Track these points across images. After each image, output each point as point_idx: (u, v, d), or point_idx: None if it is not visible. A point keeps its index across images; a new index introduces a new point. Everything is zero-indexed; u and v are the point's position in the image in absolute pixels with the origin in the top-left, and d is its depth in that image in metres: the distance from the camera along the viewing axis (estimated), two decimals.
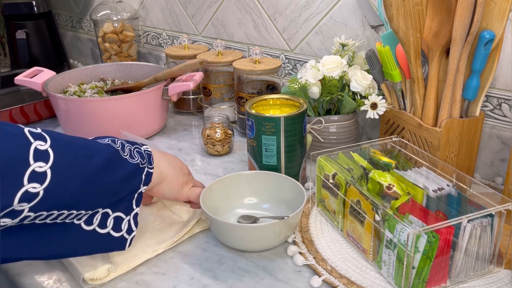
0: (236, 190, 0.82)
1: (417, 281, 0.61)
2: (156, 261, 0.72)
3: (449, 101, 0.81)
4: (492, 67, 0.79)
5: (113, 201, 0.65)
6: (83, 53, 1.89)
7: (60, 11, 1.93)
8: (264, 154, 0.85)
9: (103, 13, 1.50)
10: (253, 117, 0.84)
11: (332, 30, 1.09)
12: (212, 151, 1.04)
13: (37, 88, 1.14)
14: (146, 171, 0.69)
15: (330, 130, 0.96)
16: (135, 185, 0.67)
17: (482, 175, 0.93)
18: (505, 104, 0.88)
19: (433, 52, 0.80)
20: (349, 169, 0.75)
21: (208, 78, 1.19)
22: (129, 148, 0.68)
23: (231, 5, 1.29)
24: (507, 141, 0.88)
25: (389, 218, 0.61)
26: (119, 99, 1.07)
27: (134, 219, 0.68)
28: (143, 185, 0.69)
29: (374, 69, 0.89)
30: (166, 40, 1.53)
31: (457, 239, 0.61)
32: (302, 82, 0.95)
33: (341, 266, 0.68)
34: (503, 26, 0.76)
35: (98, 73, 1.28)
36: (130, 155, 0.67)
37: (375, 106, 0.88)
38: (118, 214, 0.66)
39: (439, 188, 0.68)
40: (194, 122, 1.24)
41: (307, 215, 0.80)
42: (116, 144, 0.66)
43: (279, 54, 1.22)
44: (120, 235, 0.67)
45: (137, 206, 0.69)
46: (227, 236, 0.73)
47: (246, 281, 0.67)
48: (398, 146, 0.81)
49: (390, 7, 0.78)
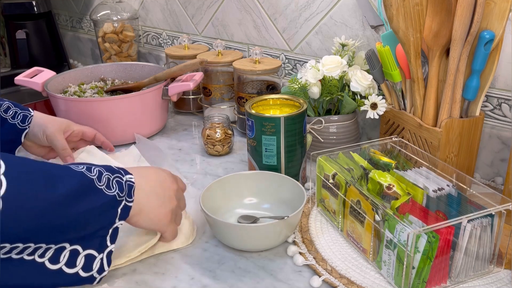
0: (236, 190, 0.82)
1: (417, 281, 0.61)
2: (156, 261, 0.72)
3: (449, 101, 0.81)
4: (492, 67, 0.79)
5: (82, 235, 0.59)
6: (83, 53, 1.89)
7: (60, 11, 1.93)
8: (264, 154, 0.85)
9: (103, 13, 1.50)
10: (253, 117, 0.84)
11: (332, 30, 1.10)
12: (212, 151, 1.04)
13: (37, 88, 1.14)
14: (124, 204, 0.63)
15: (330, 130, 0.96)
16: (110, 218, 0.61)
17: (482, 175, 0.93)
18: (505, 104, 0.88)
19: (433, 52, 0.80)
20: (349, 169, 0.75)
21: (208, 78, 1.19)
22: (108, 176, 0.62)
23: (231, 5, 1.29)
24: (507, 141, 0.88)
25: (389, 218, 0.61)
26: (119, 99, 1.07)
27: (107, 257, 0.63)
28: (119, 219, 0.63)
29: (374, 69, 0.89)
30: (166, 40, 1.53)
31: (457, 239, 0.61)
32: (302, 82, 0.95)
33: (341, 266, 0.68)
34: (503, 26, 0.76)
35: (98, 73, 1.28)
36: (108, 185, 0.61)
37: (375, 106, 0.88)
38: (90, 252, 0.61)
39: (439, 188, 0.68)
40: (194, 122, 1.24)
41: (307, 215, 0.80)
42: (91, 172, 0.60)
43: (279, 54, 1.22)
44: (89, 275, 0.61)
45: (112, 242, 0.63)
46: (227, 236, 0.73)
47: (246, 281, 0.67)
48: (398, 146, 0.81)
49: (390, 7, 0.78)
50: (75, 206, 0.56)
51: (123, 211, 0.63)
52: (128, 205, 0.63)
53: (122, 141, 1.10)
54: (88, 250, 0.61)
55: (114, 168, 0.64)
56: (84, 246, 0.60)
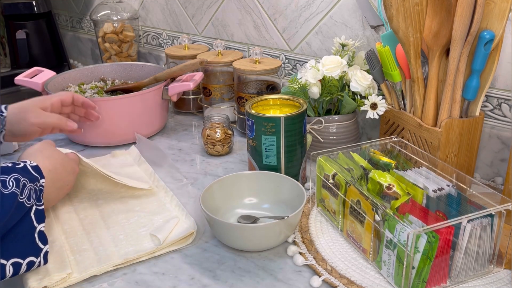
0: (236, 190, 0.82)
1: (417, 281, 0.61)
2: (156, 261, 0.72)
3: (449, 101, 0.81)
4: (492, 67, 0.79)
5: (14, 247, 0.63)
6: (83, 53, 1.89)
7: (60, 11, 1.93)
8: (264, 154, 0.85)
9: (103, 13, 1.50)
10: (253, 117, 0.84)
11: (332, 30, 1.10)
12: (212, 151, 1.04)
13: (37, 89, 1.14)
14: (35, 209, 0.68)
15: (330, 130, 0.96)
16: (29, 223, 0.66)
17: (482, 175, 0.93)
18: (505, 104, 0.88)
19: (433, 52, 0.80)
20: (349, 169, 0.75)
21: (208, 78, 1.19)
22: (30, 187, 0.66)
23: (231, 5, 1.29)
24: (507, 141, 0.88)
25: (389, 218, 0.61)
26: (119, 99, 1.07)
27: (44, 257, 0.66)
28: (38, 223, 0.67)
29: (374, 69, 0.89)
30: (166, 40, 1.53)
31: (457, 239, 0.61)
32: (302, 82, 0.95)
33: (341, 266, 0.68)
34: (503, 26, 0.76)
35: (98, 73, 1.28)
36: (28, 197, 0.66)
37: (375, 106, 0.88)
38: (30, 259, 0.64)
39: (439, 188, 0.68)
40: (194, 122, 1.24)
41: (307, 215, 0.80)
42: (19, 187, 0.64)
43: (279, 54, 1.22)
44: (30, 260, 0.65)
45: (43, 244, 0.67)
46: (227, 236, 0.73)
47: (246, 281, 0.67)
48: (398, 146, 0.81)
49: (390, 7, 0.78)
50: (8, 225, 0.61)
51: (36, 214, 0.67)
52: (39, 209, 0.68)
53: (122, 141, 1.10)
54: (28, 258, 0.64)
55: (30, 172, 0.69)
56: (22, 257, 0.63)
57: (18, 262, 0.62)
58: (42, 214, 0.68)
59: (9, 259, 0.62)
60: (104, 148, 1.09)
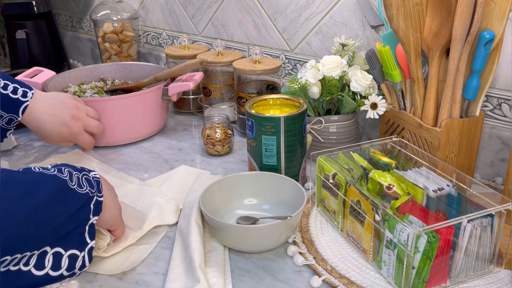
0: (236, 191, 0.82)
1: (417, 281, 0.61)
2: (156, 261, 0.72)
3: (449, 101, 0.81)
4: (492, 67, 0.79)
5: (60, 236, 0.60)
6: (83, 53, 1.89)
7: (60, 11, 1.93)
8: (264, 154, 0.85)
9: (103, 13, 1.50)
10: (253, 117, 0.84)
11: (332, 30, 1.09)
12: (212, 151, 1.04)
13: (37, 88, 1.13)
14: (95, 200, 0.65)
15: (330, 130, 0.96)
16: (84, 216, 0.63)
17: (482, 175, 0.93)
18: (505, 104, 0.88)
19: (433, 52, 0.80)
20: (349, 169, 0.75)
21: (208, 78, 1.19)
22: (77, 176, 0.64)
23: (231, 5, 1.29)
24: (507, 141, 0.88)
25: (389, 218, 0.61)
26: (119, 99, 1.07)
27: (89, 254, 0.63)
28: (93, 215, 0.64)
29: (374, 69, 0.89)
30: (166, 40, 1.53)
31: (457, 239, 0.61)
32: (302, 82, 0.95)
33: (341, 266, 0.68)
34: (503, 26, 0.76)
35: (98, 73, 1.28)
36: (78, 184, 0.63)
37: (375, 106, 0.88)
38: (72, 252, 0.61)
39: (439, 188, 0.68)
40: (194, 122, 1.24)
41: (307, 215, 0.80)
42: (63, 173, 0.62)
43: (279, 54, 1.22)
44: (72, 272, 0.62)
45: (91, 239, 0.64)
46: (227, 237, 0.72)
47: (246, 281, 0.67)
48: (398, 146, 0.81)
49: (390, 7, 0.78)
50: (55, 210, 0.57)
51: (95, 206, 0.65)
52: (99, 199, 0.66)
53: (122, 141, 1.10)
54: (70, 250, 0.61)
55: (77, 167, 0.66)
56: (65, 247, 0.61)
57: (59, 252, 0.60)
58: (100, 206, 0.66)
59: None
60: (104, 147, 1.09)
